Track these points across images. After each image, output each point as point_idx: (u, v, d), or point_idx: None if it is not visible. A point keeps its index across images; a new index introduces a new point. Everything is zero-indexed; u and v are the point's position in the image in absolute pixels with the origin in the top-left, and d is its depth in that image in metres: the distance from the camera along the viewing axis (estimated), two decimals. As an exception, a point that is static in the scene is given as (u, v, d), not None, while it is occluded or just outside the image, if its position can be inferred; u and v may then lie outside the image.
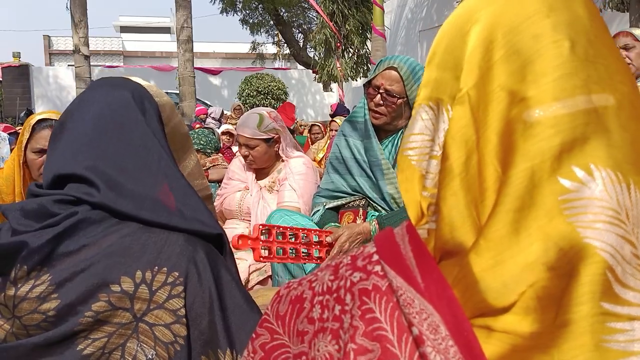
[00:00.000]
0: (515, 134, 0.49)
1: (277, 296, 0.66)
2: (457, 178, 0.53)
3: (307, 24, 18.20)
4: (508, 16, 0.52)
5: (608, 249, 0.45)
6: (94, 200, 0.84)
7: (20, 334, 0.81)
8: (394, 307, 0.52)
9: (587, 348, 0.45)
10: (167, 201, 0.87)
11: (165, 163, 0.90)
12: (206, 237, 0.89)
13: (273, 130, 2.40)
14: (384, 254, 0.56)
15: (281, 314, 0.64)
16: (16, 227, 0.82)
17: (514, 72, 0.51)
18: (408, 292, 0.52)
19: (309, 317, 0.60)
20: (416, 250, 0.55)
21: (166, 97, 1.02)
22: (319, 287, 0.61)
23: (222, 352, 0.82)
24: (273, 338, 0.64)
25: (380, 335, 0.52)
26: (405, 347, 0.51)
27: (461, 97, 0.53)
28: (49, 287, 0.79)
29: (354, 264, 0.59)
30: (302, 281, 0.65)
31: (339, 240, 1.86)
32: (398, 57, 2.01)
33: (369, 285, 0.55)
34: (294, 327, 0.62)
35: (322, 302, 0.59)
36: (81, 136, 0.90)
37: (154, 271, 0.82)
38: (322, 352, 0.56)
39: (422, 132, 0.57)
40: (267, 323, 0.65)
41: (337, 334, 0.55)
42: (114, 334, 0.80)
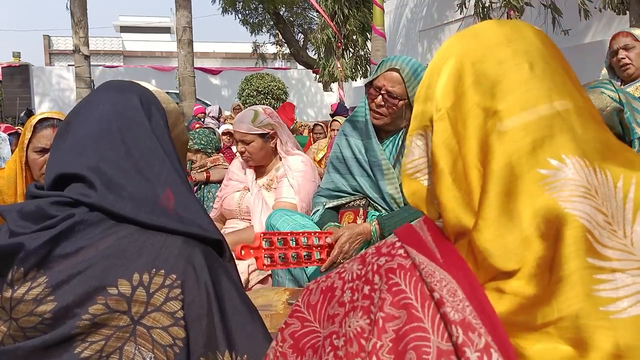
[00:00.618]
0: (490, 140, 0.60)
1: (307, 290, 0.74)
2: (449, 176, 0.63)
3: (307, 24, 18.20)
4: (474, 50, 0.66)
5: (585, 217, 0.55)
6: (89, 202, 0.83)
7: (18, 336, 0.80)
8: (417, 280, 0.62)
9: (580, 298, 0.54)
10: (167, 205, 0.87)
11: (169, 168, 0.90)
12: (205, 241, 0.88)
13: (268, 125, 2.41)
14: (405, 239, 0.67)
15: (312, 303, 0.72)
16: (13, 229, 0.82)
17: (485, 92, 0.63)
18: (429, 266, 0.62)
19: (339, 301, 0.68)
20: (434, 234, 0.66)
21: (173, 104, 1.02)
22: (348, 275, 0.69)
23: (220, 354, 0.82)
24: (303, 326, 0.72)
25: (406, 303, 0.61)
26: (428, 310, 0.60)
27: (441, 115, 0.65)
28: (46, 290, 0.79)
29: (379, 251, 0.68)
30: (331, 274, 0.73)
31: (339, 241, 1.86)
32: (400, 58, 2.00)
33: (394, 265, 0.64)
34: (325, 312, 0.70)
35: (352, 288, 0.68)
36: (85, 137, 0.90)
37: (152, 273, 0.81)
38: (353, 327, 0.64)
39: (421, 156, 0.70)
40: (298, 313, 0.73)
41: (368, 310, 0.63)
42: (112, 337, 0.80)
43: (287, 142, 2.50)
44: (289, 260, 1.80)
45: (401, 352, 0.58)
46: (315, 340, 0.70)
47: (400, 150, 2.05)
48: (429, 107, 0.68)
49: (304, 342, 0.71)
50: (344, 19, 11.66)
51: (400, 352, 0.58)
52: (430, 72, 0.70)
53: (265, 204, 2.40)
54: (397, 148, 2.07)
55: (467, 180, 0.62)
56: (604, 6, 7.12)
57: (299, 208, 2.29)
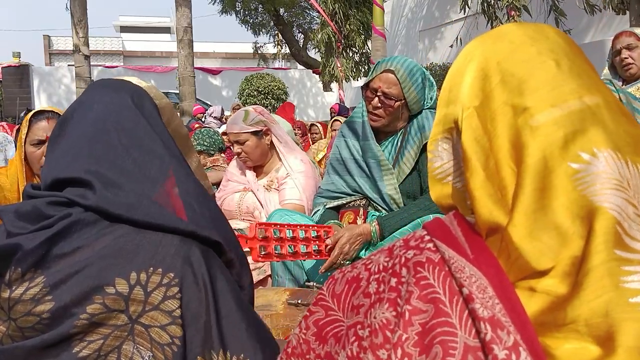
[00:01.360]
0: (523, 137, 0.60)
1: (332, 279, 0.75)
2: (482, 172, 0.63)
3: (308, 24, 18.20)
4: (498, 50, 0.66)
5: (616, 208, 0.55)
6: (88, 204, 0.83)
7: (16, 336, 0.80)
8: (446, 275, 0.61)
9: (608, 288, 0.54)
10: (165, 203, 0.86)
11: (169, 163, 0.90)
12: (202, 239, 0.88)
13: (260, 122, 2.42)
14: (435, 233, 0.66)
15: (337, 292, 0.72)
16: (10, 229, 0.82)
17: (512, 90, 0.63)
18: (459, 261, 0.62)
19: (365, 292, 0.68)
20: (464, 230, 0.66)
21: (166, 100, 1.02)
22: (374, 267, 0.69)
23: (215, 353, 0.82)
24: (327, 314, 0.72)
25: (434, 297, 0.60)
26: (456, 306, 0.59)
27: (470, 113, 0.65)
28: (43, 289, 0.79)
29: (407, 244, 0.68)
30: (357, 265, 0.73)
31: (340, 242, 1.85)
32: (395, 59, 2.00)
33: (422, 259, 0.64)
34: (350, 302, 0.70)
35: (378, 279, 0.68)
36: (80, 139, 0.90)
37: (149, 272, 0.81)
38: (378, 318, 0.64)
39: (449, 159, 0.70)
40: (322, 302, 0.74)
41: (395, 302, 0.63)
42: (110, 336, 0.80)
43: (285, 138, 2.50)
44: (286, 253, 1.77)
45: (427, 346, 0.58)
46: (339, 329, 0.70)
47: (400, 151, 2.04)
48: (453, 109, 0.68)
49: (327, 331, 0.71)
50: (344, 19, 11.65)
51: (426, 345, 0.58)
52: (452, 75, 0.70)
53: (265, 206, 2.40)
54: (395, 149, 2.06)
55: (500, 177, 0.62)
56: (604, 6, 7.12)
57: (306, 209, 2.29)
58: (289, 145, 2.52)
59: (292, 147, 2.52)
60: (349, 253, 1.88)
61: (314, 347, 0.73)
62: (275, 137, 2.47)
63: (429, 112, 2.06)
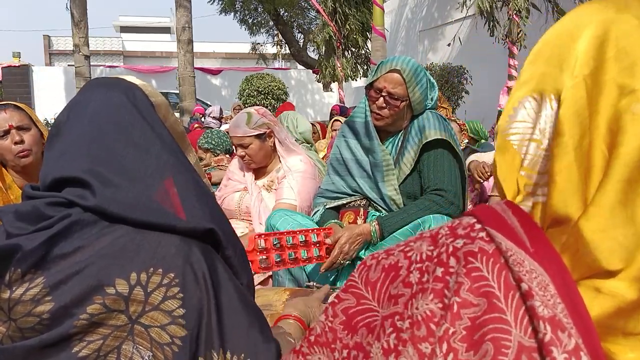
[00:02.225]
0: (623, 121, 0.55)
1: (365, 265, 0.70)
2: (573, 152, 0.57)
3: (307, 24, 18.20)
4: (618, 24, 0.60)
5: None
6: (87, 205, 0.83)
7: (16, 337, 0.80)
8: (502, 268, 0.57)
9: None
10: (164, 201, 0.86)
11: (166, 160, 0.90)
12: (199, 235, 0.87)
13: (263, 125, 2.42)
14: (489, 222, 0.61)
15: (372, 280, 0.68)
16: (10, 230, 0.82)
17: (624, 68, 0.57)
18: (518, 254, 0.57)
19: (405, 281, 0.64)
20: (522, 219, 0.60)
21: (161, 97, 1.02)
22: (415, 255, 0.65)
23: (215, 353, 0.81)
24: (359, 303, 0.68)
25: (487, 291, 0.56)
26: (512, 302, 0.55)
27: (577, 82, 0.59)
28: (43, 290, 0.79)
29: (454, 232, 0.63)
30: (393, 252, 0.69)
31: (339, 242, 1.86)
32: (400, 59, 2.00)
33: (474, 248, 0.59)
34: (386, 292, 0.66)
35: (421, 269, 0.63)
36: (78, 138, 0.90)
37: (149, 272, 0.81)
38: (422, 309, 0.59)
39: (524, 120, 0.64)
40: (353, 289, 0.69)
41: (441, 293, 0.59)
42: (109, 336, 0.80)
43: (286, 139, 2.50)
44: (286, 261, 1.78)
45: (476, 342, 0.55)
46: (372, 320, 0.66)
47: (401, 151, 2.04)
48: (553, 72, 0.62)
49: (358, 320, 0.67)
50: (344, 19, 11.65)
51: (475, 341, 0.55)
52: (557, 35, 0.64)
53: (265, 206, 2.40)
54: (396, 149, 2.06)
55: (589, 160, 0.56)
56: (604, 6, 7.10)
57: (298, 209, 2.29)
58: (291, 145, 2.52)
59: (293, 148, 2.52)
60: (349, 253, 1.88)
61: (341, 337, 0.68)
62: (277, 138, 2.47)
63: (430, 112, 2.06)
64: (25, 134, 1.91)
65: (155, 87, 6.68)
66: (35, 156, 1.94)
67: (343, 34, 11.70)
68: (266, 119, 2.45)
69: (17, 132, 1.89)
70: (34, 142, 1.93)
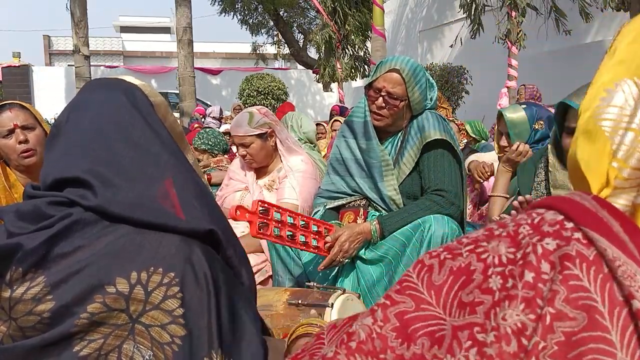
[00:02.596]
0: None
1: (424, 265, 0.62)
2: None
3: (307, 24, 18.19)
4: None
5: None
6: (89, 205, 0.83)
7: (17, 336, 0.81)
8: (605, 278, 0.50)
9: None
10: (164, 202, 0.86)
11: (167, 160, 0.90)
12: (201, 236, 0.88)
13: (265, 124, 2.42)
14: (585, 221, 0.53)
15: (436, 283, 0.59)
16: (11, 229, 0.82)
17: None
18: (628, 265, 0.49)
19: (482, 287, 0.56)
20: (622, 221, 0.53)
21: (160, 97, 1.02)
22: (493, 259, 0.57)
23: (215, 353, 0.82)
24: (419, 308, 0.59)
25: (588, 305, 0.49)
26: (617, 320, 0.48)
27: None
28: (44, 289, 0.79)
29: (539, 230, 0.55)
30: (460, 251, 0.60)
31: (339, 240, 1.86)
32: (399, 59, 2.00)
33: (571, 251, 0.51)
34: (456, 298, 0.57)
35: (503, 273, 0.55)
36: (78, 139, 0.90)
37: (150, 272, 0.81)
38: (510, 321, 0.52)
39: (621, 105, 0.56)
40: (411, 291, 0.60)
41: (534, 303, 0.51)
42: (110, 335, 0.80)
43: (287, 139, 2.50)
44: (284, 238, 1.76)
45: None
46: (437, 328, 0.57)
47: (400, 151, 2.04)
48: None
49: (417, 328, 0.58)
50: (343, 19, 11.65)
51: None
52: None
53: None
54: (396, 149, 2.06)
55: None
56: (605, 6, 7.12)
57: (300, 208, 2.29)
58: (292, 145, 2.52)
59: (295, 148, 2.52)
60: (349, 251, 1.88)
61: (393, 346, 0.59)
62: (278, 138, 2.47)
63: (429, 112, 2.06)
64: (29, 134, 1.92)
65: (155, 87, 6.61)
66: (39, 156, 1.94)
67: (343, 34, 11.70)
68: (268, 118, 2.45)
69: (21, 132, 1.90)
70: (38, 142, 1.93)
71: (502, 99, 7.17)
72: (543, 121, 2.26)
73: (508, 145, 2.28)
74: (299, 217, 1.81)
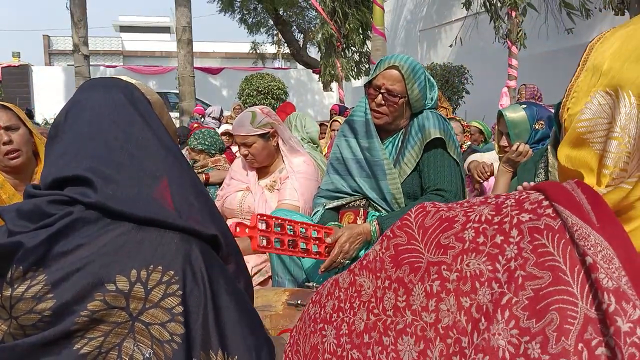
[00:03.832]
0: None
1: (424, 210, 0.75)
2: None
3: (307, 23, 18.19)
4: None
5: None
6: (89, 201, 0.83)
7: (17, 335, 0.81)
8: (567, 243, 0.58)
9: None
10: (163, 200, 0.86)
11: (164, 159, 0.90)
12: (202, 236, 0.88)
13: (267, 124, 2.42)
14: (556, 197, 0.62)
15: (426, 225, 0.72)
16: (12, 228, 0.82)
17: None
18: (583, 228, 0.58)
19: (458, 236, 0.68)
20: (590, 197, 0.62)
21: (156, 96, 1.03)
22: (475, 216, 0.68)
23: (213, 353, 0.82)
24: (409, 242, 0.73)
25: (552, 265, 0.58)
26: (578, 276, 0.57)
27: None
28: (45, 287, 0.79)
29: (521, 206, 0.65)
30: (454, 207, 0.73)
31: (339, 241, 1.85)
32: (398, 56, 2.00)
33: (540, 225, 0.61)
34: (436, 239, 0.70)
35: (477, 229, 0.66)
36: (77, 139, 0.90)
37: (149, 270, 0.81)
38: (472, 267, 0.64)
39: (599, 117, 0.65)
40: (407, 228, 0.74)
41: (495, 258, 0.63)
42: (110, 333, 0.80)
43: (290, 139, 2.50)
44: (285, 247, 1.76)
45: (540, 311, 0.57)
46: (416, 260, 0.71)
47: (401, 151, 2.04)
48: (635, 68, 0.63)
49: (404, 257, 0.72)
50: (343, 18, 11.65)
51: (538, 311, 0.57)
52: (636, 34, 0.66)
53: (269, 207, 2.40)
54: (396, 148, 2.06)
55: None
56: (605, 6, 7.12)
57: (301, 210, 2.29)
58: (295, 145, 2.52)
59: (297, 148, 2.52)
60: (349, 252, 1.88)
61: (386, 268, 0.74)
62: (281, 138, 2.47)
63: (430, 112, 2.06)
64: (13, 134, 1.90)
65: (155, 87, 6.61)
66: (25, 156, 1.93)
67: (343, 33, 11.70)
68: (270, 118, 2.44)
69: (5, 133, 1.88)
70: (23, 142, 1.92)
71: (502, 99, 7.16)
72: (543, 121, 2.26)
73: (508, 145, 2.27)
74: (299, 224, 1.81)
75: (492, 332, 0.59)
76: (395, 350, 0.69)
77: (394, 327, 0.70)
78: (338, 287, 0.85)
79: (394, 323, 0.70)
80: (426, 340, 0.65)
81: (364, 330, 0.75)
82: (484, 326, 0.60)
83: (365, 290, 0.77)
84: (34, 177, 1.99)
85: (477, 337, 0.60)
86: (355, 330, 0.77)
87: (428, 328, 0.66)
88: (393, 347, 0.69)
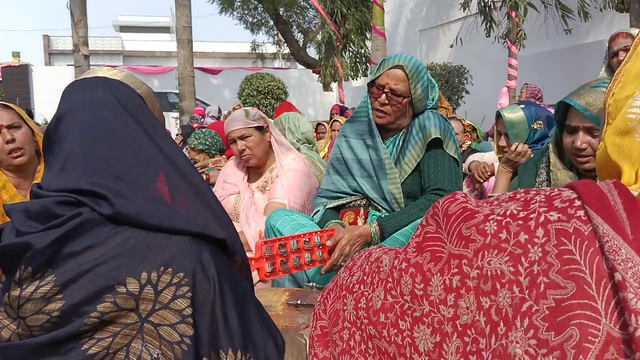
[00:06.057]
0: None
1: (453, 197, 0.73)
2: None
3: (307, 23, 18.19)
4: None
5: None
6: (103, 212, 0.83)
7: (24, 335, 0.81)
8: (595, 253, 0.54)
9: None
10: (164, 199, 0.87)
11: (163, 159, 0.90)
12: (209, 239, 0.88)
13: (261, 119, 2.48)
14: (590, 200, 0.58)
15: (449, 212, 0.70)
16: (20, 228, 0.83)
17: None
18: (615, 240, 0.54)
19: (479, 227, 0.65)
20: (627, 202, 0.57)
21: (145, 87, 1.02)
22: (500, 209, 0.65)
23: (224, 352, 0.82)
24: (437, 230, 0.71)
25: (577, 276, 0.54)
26: (603, 290, 0.52)
27: None
28: (54, 288, 0.79)
29: (550, 203, 0.61)
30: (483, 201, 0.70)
31: (340, 243, 1.85)
32: (402, 56, 2.00)
33: (569, 228, 0.57)
34: (457, 229, 0.67)
35: (500, 222, 0.63)
36: (72, 153, 0.89)
37: (160, 271, 0.82)
38: (493, 266, 0.61)
39: None
40: (436, 217, 0.73)
41: (517, 259, 0.59)
42: (119, 334, 0.81)
43: (279, 136, 2.55)
44: (291, 267, 1.78)
45: (560, 324, 0.54)
46: (438, 249, 0.69)
47: (402, 150, 2.04)
48: None
49: (428, 245, 0.71)
50: (343, 18, 11.64)
51: (558, 323, 0.54)
52: None
53: (255, 210, 2.42)
54: (397, 148, 2.06)
55: None
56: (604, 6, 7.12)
57: (288, 207, 2.32)
58: (284, 144, 2.55)
59: (287, 147, 2.56)
60: (350, 254, 1.87)
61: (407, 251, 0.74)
62: (273, 135, 2.50)
63: (431, 112, 2.06)
64: (16, 133, 1.91)
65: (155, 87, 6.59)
66: (28, 154, 1.94)
67: (342, 33, 11.70)
68: (261, 114, 2.51)
69: (7, 131, 1.90)
70: (26, 140, 1.93)
71: (502, 99, 7.16)
72: (542, 121, 2.26)
73: (507, 146, 2.27)
74: (302, 237, 1.82)
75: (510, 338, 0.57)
76: (411, 336, 0.68)
77: (410, 313, 0.69)
78: (368, 260, 0.85)
79: (411, 309, 0.69)
80: (443, 333, 0.64)
81: (381, 309, 0.74)
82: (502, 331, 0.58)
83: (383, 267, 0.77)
84: (36, 175, 2.00)
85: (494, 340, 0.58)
86: (372, 307, 0.76)
87: (445, 322, 0.65)
88: (409, 333, 0.69)
